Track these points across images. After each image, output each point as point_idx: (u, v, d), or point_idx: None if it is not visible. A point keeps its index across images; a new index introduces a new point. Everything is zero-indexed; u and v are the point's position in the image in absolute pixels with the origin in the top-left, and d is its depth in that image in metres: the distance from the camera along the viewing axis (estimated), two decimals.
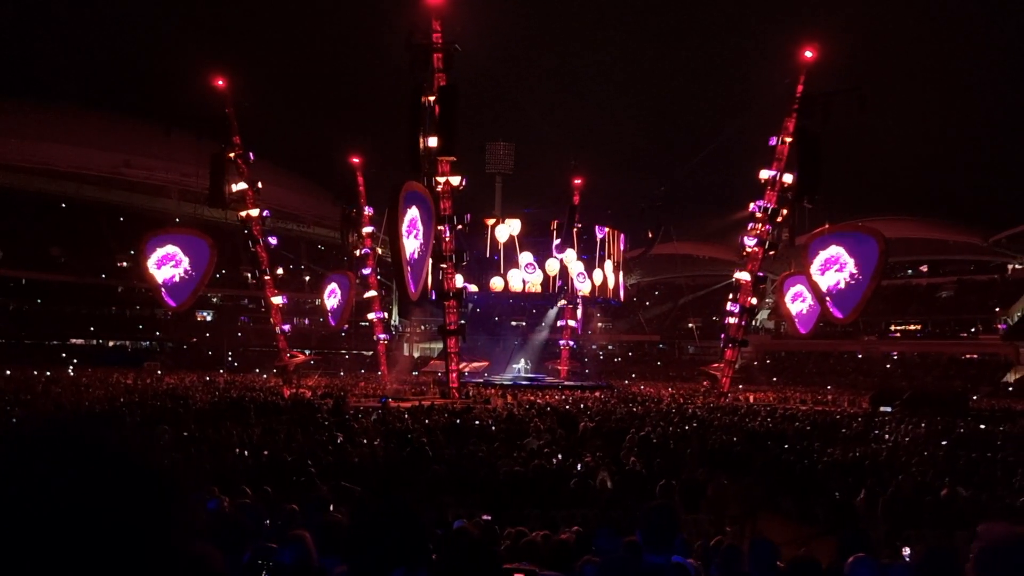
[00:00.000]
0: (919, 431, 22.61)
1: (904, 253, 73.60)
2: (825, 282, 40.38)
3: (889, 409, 31.90)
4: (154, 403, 27.78)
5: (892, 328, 77.84)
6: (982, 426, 23.79)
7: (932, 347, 72.04)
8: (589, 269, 59.51)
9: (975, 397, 44.66)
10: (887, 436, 21.62)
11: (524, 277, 57.27)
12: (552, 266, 57.35)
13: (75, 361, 61.53)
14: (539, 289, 57.87)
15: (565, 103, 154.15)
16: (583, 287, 59.23)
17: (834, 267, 39.69)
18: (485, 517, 9.14)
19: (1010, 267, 75.13)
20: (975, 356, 70.58)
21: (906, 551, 5.83)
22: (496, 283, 56.78)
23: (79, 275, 70.47)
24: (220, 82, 45.67)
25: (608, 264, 61.44)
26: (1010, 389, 59.37)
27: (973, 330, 72.71)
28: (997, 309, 71.16)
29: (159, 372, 56.16)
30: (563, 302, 61.28)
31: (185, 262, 44.49)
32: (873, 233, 40.34)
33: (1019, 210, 74.47)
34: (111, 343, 74.18)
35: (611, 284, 61.71)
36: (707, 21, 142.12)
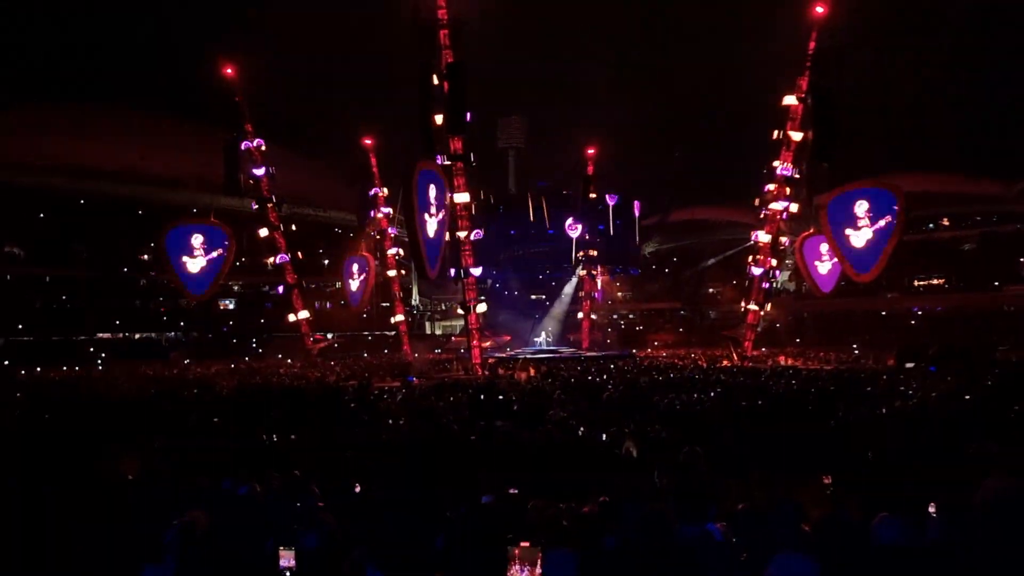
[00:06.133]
0: (946, 385, 22.41)
1: (925, 207, 72.48)
2: (845, 241, 39.98)
3: (913, 365, 31.68)
4: (182, 392, 28.21)
5: (916, 284, 76.99)
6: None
7: (957, 301, 71.16)
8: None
9: (1002, 348, 44.15)
10: (911, 392, 21.41)
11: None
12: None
13: (103, 355, 62.32)
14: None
15: (576, 73, 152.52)
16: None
17: (853, 225, 39.27)
18: (512, 491, 9.22)
19: None
20: (1001, 308, 69.73)
21: (932, 507, 5.81)
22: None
23: (101, 270, 71.29)
24: (229, 70, 45.80)
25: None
26: None
27: (998, 283, 71.79)
28: (1022, 259, 70.12)
29: (187, 362, 56.81)
30: (582, 272, 61.11)
31: (204, 252, 44.87)
32: (892, 188, 39.83)
33: None
34: (137, 336, 75.06)
35: (629, 253, 61.36)
36: None
